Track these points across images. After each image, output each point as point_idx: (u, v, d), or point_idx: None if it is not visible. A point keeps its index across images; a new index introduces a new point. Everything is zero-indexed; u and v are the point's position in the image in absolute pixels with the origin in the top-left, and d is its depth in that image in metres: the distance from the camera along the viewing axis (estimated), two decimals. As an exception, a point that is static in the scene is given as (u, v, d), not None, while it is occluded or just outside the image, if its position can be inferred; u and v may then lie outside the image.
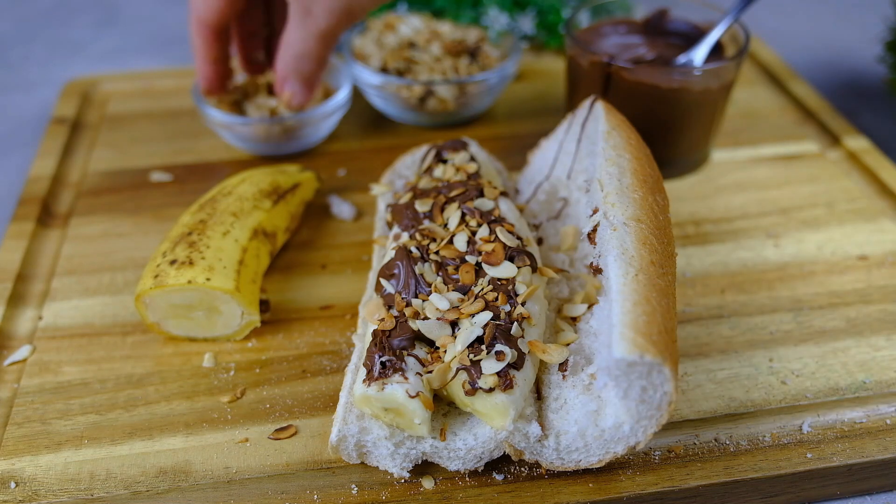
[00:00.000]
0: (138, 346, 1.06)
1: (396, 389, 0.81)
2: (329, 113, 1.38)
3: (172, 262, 1.02)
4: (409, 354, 0.85)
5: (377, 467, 0.87)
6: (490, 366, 0.81)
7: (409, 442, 0.84)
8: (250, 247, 1.09)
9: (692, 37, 1.33)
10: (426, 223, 0.98)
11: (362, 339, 0.95)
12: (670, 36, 1.36)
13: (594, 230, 0.91)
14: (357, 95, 1.52)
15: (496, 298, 0.87)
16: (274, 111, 1.38)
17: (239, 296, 1.01)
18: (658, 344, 0.74)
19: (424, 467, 0.88)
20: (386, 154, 1.40)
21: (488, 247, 0.92)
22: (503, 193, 1.04)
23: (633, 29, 1.38)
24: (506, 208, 1.01)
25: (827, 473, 0.90)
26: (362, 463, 0.88)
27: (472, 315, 0.87)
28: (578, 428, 0.82)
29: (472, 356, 0.82)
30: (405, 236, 0.99)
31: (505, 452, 0.85)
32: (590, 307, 0.91)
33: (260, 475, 0.89)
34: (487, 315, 0.86)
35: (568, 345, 0.89)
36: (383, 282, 0.94)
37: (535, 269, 0.93)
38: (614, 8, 1.44)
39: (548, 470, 0.87)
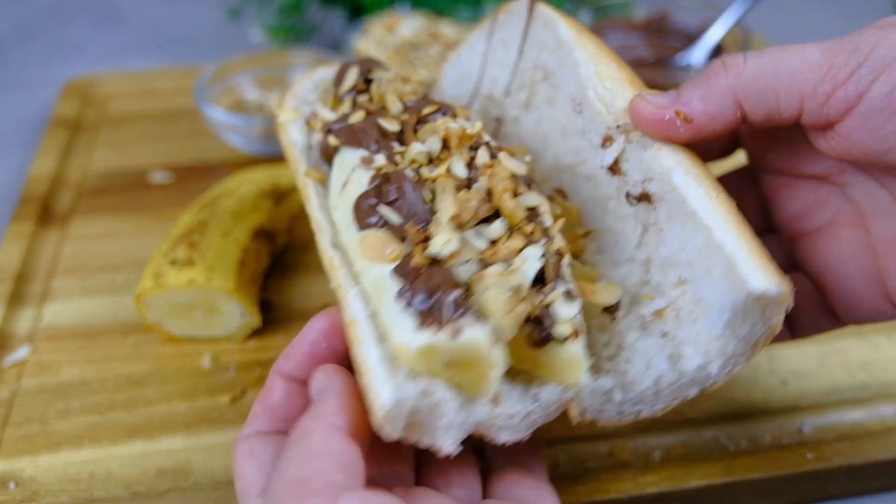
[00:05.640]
0: (138, 346, 1.06)
1: (479, 333, 0.61)
2: (329, 113, 1.38)
3: (173, 263, 1.02)
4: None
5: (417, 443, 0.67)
6: (566, 309, 0.66)
7: (467, 407, 0.67)
8: (251, 247, 1.09)
9: (692, 38, 1.34)
10: (397, 146, 0.80)
11: (357, 282, 0.72)
12: (670, 37, 1.36)
13: (617, 161, 0.77)
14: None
15: (532, 232, 0.71)
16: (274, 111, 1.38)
17: (239, 296, 1.01)
18: (778, 271, 0.64)
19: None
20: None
21: (500, 169, 0.74)
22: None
23: (634, 29, 1.38)
24: (480, 127, 0.84)
25: (827, 474, 0.90)
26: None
27: (517, 252, 0.70)
28: (654, 376, 0.70)
29: (537, 299, 0.66)
30: (380, 159, 0.77)
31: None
32: (584, 236, 0.82)
33: (260, 475, 0.89)
34: (538, 250, 0.69)
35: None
36: (385, 209, 0.72)
37: None
38: (614, 9, 1.44)
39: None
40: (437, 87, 1.03)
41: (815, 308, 0.80)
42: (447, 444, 0.66)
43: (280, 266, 1.19)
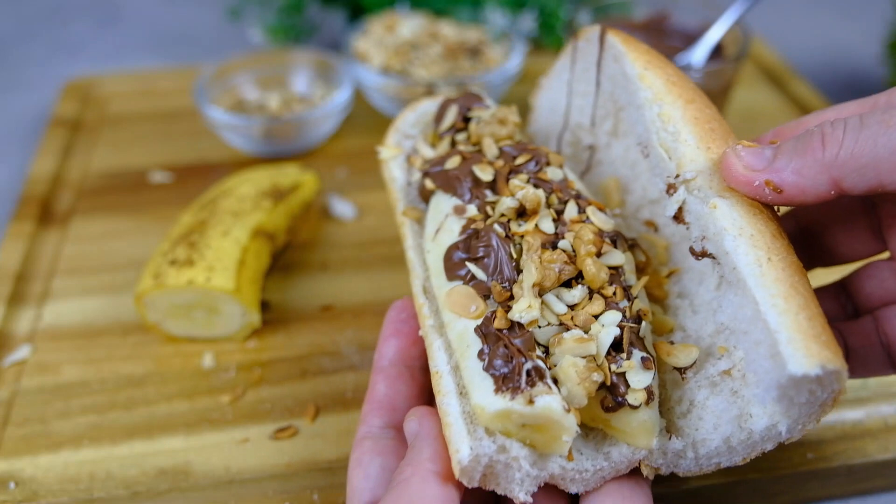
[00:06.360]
0: (138, 346, 1.06)
1: (551, 402, 0.65)
2: (329, 113, 1.39)
3: (172, 262, 1.02)
4: (537, 357, 0.69)
5: (493, 490, 0.71)
6: (640, 378, 0.69)
7: (541, 462, 0.71)
8: (251, 247, 1.09)
9: (692, 38, 1.34)
10: (489, 195, 0.82)
11: (442, 334, 0.77)
12: (670, 37, 1.36)
13: (680, 211, 0.77)
14: (358, 96, 1.52)
15: (614, 293, 0.74)
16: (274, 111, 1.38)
17: (239, 296, 1.01)
18: (830, 344, 0.63)
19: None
20: (386, 154, 1.39)
21: (585, 230, 0.76)
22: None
23: (634, 30, 1.38)
24: (574, 178, 0.85)
25: (828, 474, 0.90)
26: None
27: (596, 317, 0.73)
28: (722, 436, 0.71)
29: (613, 366, 0.70)
30: (472, 209, 0.81)
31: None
32: (669, 275, 0.82)
33: (260, 475, 0.89)
34: (616, 315, 0.72)
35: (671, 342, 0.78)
36: (471, 266, 0.76)
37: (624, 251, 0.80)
38: (614, 8, 1.44)
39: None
40: (532, 116, 1.05)
41: None
42: (521, 494, 0.70)
43: (280, 266, 1.19)
